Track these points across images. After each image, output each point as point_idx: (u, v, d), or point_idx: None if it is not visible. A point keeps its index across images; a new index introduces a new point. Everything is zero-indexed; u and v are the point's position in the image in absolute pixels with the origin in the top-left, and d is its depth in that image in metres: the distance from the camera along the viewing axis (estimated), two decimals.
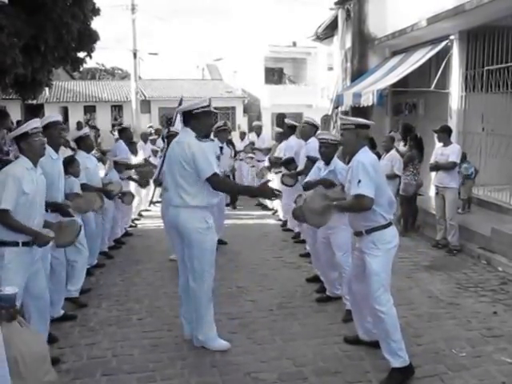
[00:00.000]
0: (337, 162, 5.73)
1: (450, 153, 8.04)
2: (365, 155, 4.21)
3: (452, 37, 10.58)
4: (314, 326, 5.26)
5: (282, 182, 8.19)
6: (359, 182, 4.04)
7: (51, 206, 4.96)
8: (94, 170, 7.26)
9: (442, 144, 8.31)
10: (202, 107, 4.62)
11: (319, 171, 5.91)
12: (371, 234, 4.20)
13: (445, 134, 8.26)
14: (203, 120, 4.67)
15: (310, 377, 4.25)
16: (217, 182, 4.54)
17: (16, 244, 4.07)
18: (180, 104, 8.66)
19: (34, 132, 4.23)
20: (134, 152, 10.15)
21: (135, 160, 10.12)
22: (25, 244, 4.11)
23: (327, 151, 5.74)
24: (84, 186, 6.45)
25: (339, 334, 5.02)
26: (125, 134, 9.58)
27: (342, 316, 5.40)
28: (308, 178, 6.09)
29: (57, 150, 5.25)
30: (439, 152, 8.27)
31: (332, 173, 5.63)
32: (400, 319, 4.61)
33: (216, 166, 4.61)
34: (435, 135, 8.53)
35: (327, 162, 5.77)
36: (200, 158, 4.43)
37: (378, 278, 4.14)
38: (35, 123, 4.31)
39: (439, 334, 5.03)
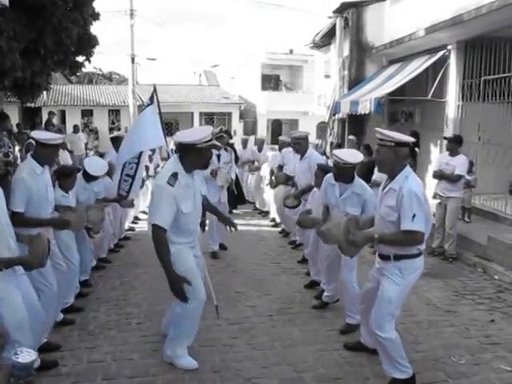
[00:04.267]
0: (364, 187, 5.26)
1: (457, 165, 7.86)
2: (414, 182, 3.85)
3: (450, 46, 10.70)
4: (314, 332, 5.28)
5: (285, 205, 7.90)
6: (414, 216, 3.73)
7: (45, 224, 4.74)
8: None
9: (448, 153, 8.16)
10: (207, 141, 4.19)
11: (333, 188, 5.38)
12: (400, 260, 3.94)
13: (456, 144, 8.06)
14: (205, 154, 4.30)
15: (311, 383, 4.27)
16: (155, 236, 4.18)
17: None
18: (154, 92, 8.08)
19: None
20: None
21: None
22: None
23: (341, 173, 5.20)
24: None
25: (339, 340, 5.05)
26: (118, 143, 8.53)
27: (341, 325, 5.37)
28: (320, 199, 5.67)
29: (43, 166, 4.79)
30: (444, 161, 8.09)
31: (356, 196, 5.19)
32: (398, 326, 4.64)
33: (170, 217, 4.16)
34: (432, 144, 8.58)
35: (346, 181, 5.24)
36: (154, 200, 4.24)
37: (389, 307, 3.98)
38: None
39: (438, 341, 5.08)
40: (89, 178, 6.71)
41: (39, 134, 4.91)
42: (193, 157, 4.24)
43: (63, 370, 4.44)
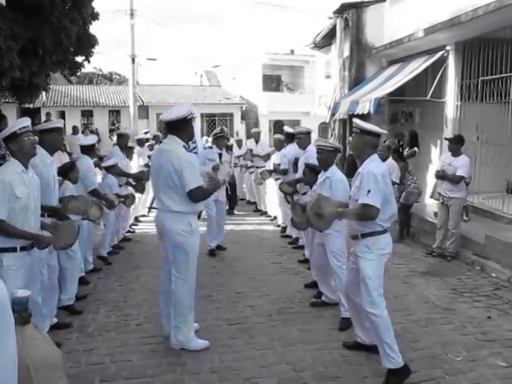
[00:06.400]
0: (335, 171, 5.75)
1: (459, 166, 7.90)
2: (375, 165, 4.26)
3: (448, 47, 10.72)
4: (313, 332, 5.30)
5: (280, 189, 8.29)
6: (369, 191, 4.10)
7: (47, 210, 4.95)
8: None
9: (450, 153, 8.17)
10: (192, 112, 4.74)
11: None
12: (366, 238, 4.29)
13: (457, 144, 8.09)
14: (192, 126, 4.82)
15: (310, 382, 4.29)
16: (198, 195, 4.63)
17: (14, 249, 4.03)
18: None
19: (23, 131, 4.11)
20: (130, 157, 9.95)
21: (133, 164, 10.13)
22: (23, 249, 4.07)
23: (322, 157, 5.80)
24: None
25: (338, 339, 5.07)
26: (122, 140, 9.39)
27: (338, 323, 5.42)
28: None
29: (52, 155, 5.21)
30: (447, 161, 8.12)
31: (328, 179, 5.67)
32: (397, 325, 4.69)
33: (201, 178, 4.71)
34: (431, 143, 8.56)
35: (324, 169, 5.82)
36: (188, 171, 4.54)
37: (371, 282, 4.22)
38: (24, 122, 4.18)
39: (436, 338, 5.10)
40: (87, 152, 7.24)
41: (40, 125, 5.37)
42: (186, 129, 4.73)
43: None
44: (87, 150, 7.30)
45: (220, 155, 8.47)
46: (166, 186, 4.65)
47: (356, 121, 4.45)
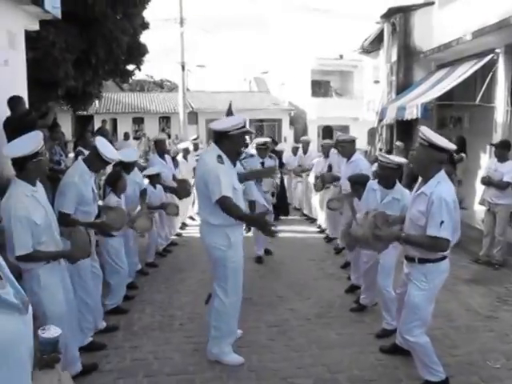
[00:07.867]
0: (403, 192, 5.27)
1: (506, 172, 7.71)
2: (446, 189, 3.84)
3: (498, 50, 10.50)
4: (351, 336, 5.34)
5: (328, 207, 8.11)
6: (442, 222, 3.73)
7: (89, 227, 4.75)
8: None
9: (496, 159, 8.01)
10: (238, 128, 4.45)
11: (374, 194, 5.44)
12: (424, 264, 3.96)
13: (503, 149, 7.92)
14: (237, 141, 4.56)
15: None
16: (225, 206, 4.35)
17: (47, 261, 3.94)
18: (229, 111, 8.86)
19: (43, 150, 3.89)
20: (175, 165, 9.84)
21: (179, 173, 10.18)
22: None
23: (384, 174, 5.33)
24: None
25: (375, 343, 5.09)
26: (159, 146, 9.15)
27: (378, 329, 5.37)
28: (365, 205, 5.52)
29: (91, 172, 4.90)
30: (493, 167, 7.97)
31: (397, 201, 5.21)
32: (436, 330, 4.68)
33: (230, 188, 4.41)
34: (481, 149, 8.36)
35: (387, 186, 5.34)
36: (211, 180, 4.36)
37: (416, 312, 3.99)
38: (40, 137, 3.91)
39: (475, 346, 5.05)
40: (125, 168, 6.80)
41: (103, 147, 4.83)
42: (227, 144, 4.50)
43: (107, 367, 4.64)
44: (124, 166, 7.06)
45: (262, 164, 8.42)
46: (202, 196, 4.60)
47: (424, 131, 3.91)
